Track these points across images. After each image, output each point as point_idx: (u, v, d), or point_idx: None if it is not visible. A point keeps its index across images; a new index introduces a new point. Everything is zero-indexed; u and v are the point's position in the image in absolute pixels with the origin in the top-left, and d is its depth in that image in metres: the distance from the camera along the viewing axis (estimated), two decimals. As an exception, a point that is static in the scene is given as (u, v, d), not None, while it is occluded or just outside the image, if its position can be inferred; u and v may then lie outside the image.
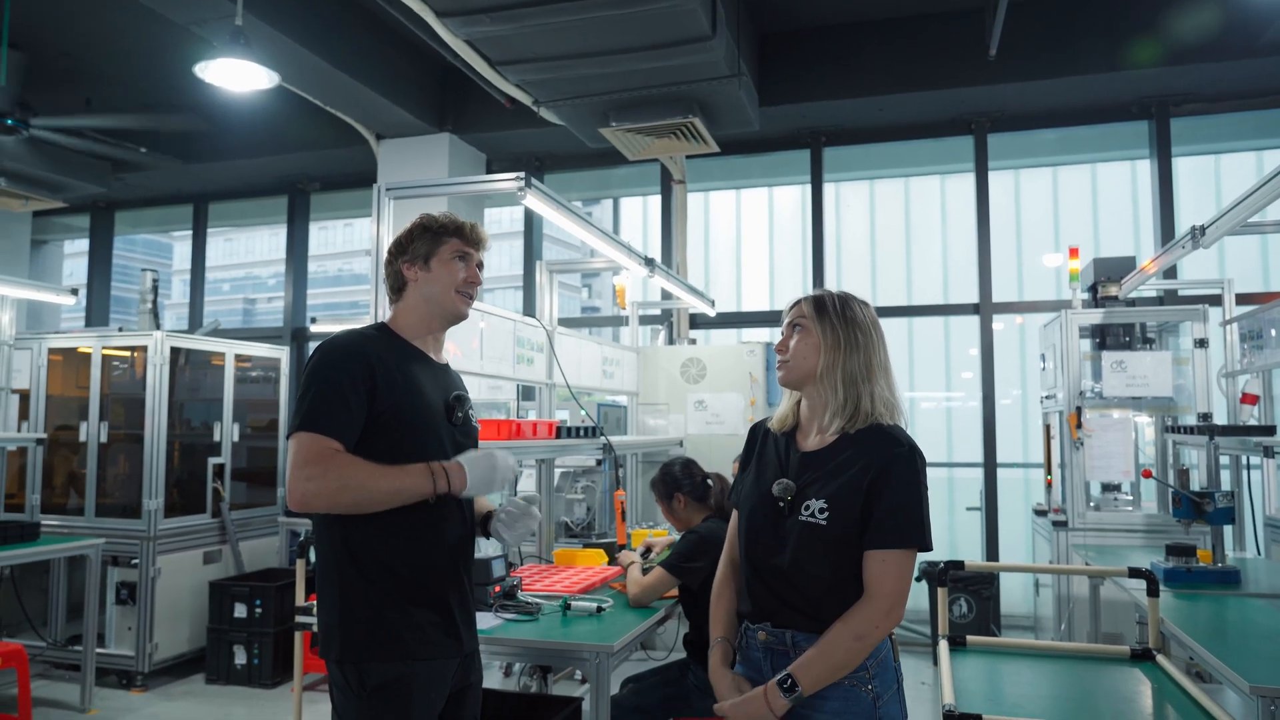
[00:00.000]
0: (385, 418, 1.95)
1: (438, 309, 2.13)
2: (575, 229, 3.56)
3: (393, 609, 1.93)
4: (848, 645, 1.82)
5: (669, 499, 3.47)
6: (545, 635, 2.75)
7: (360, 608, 1.92)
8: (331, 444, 1.87)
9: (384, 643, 1.91)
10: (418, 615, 1.95)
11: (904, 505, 1.84)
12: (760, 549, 1.95)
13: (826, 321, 1.96)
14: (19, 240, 8.25)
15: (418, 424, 2.01)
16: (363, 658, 1.90)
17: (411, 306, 2.13)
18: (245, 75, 4.39)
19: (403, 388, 1.99)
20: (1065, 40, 5.58)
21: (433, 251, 2.11)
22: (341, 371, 1.93)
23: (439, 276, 2.11)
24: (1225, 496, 3.51)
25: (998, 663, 2.73)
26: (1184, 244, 3.78)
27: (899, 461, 1.85)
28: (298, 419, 1.89)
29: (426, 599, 1.97)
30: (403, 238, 2.15)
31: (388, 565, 1.94)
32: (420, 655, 1.93)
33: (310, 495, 1.84)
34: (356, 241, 26.07)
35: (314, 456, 1.85)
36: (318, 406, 1.89)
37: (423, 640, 1.94)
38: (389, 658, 1.91)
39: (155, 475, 5.26)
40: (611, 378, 5.38)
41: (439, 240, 2.12)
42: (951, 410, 7.34)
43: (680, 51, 4.59)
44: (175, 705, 4.96)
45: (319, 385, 1.91)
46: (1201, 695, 2.27)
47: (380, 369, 1.96)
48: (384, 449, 1.93)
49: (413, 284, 2.12)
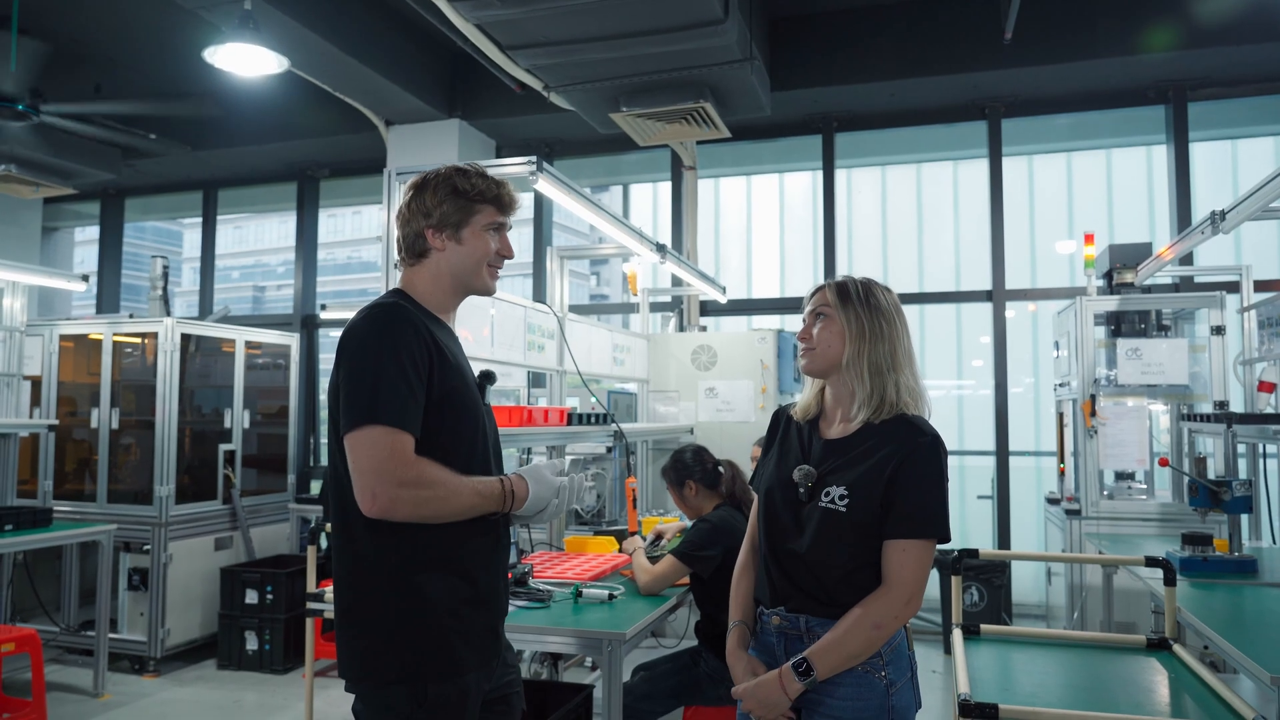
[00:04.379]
0: (440, 400, 1.75)
1: (463, 283, 1.91)
2: (587, 214, 3.54)
3: (450, 619, 1.73)
4: (866, 633, 1.81)
5: (680, 486, 3.46)
6: (557, 623, 2.74)
7: (414, 618, 1.71)
8: (411, 441, 1.67)
9: (441, 658, 1.72)
10: (472, 620, 1.77)
11: (925, 496, 1.83)
12: (779, 534, 1.94)
13: (851, 309, 1.94)
14: (30, 227, 8.25)
15: (467, 406, 1.82)
16: (421, 677, 1.70)
17: (434, 276, 1.89)
18: (254, 60, 4.38)
19: (453, 366, 1.80)
20: (1081, 24, 5.51)
21: (465, 221, 1.87)
22: (402, 350, 1.69)
23: (471, 251, 1.88)
24: (1243, 485, 3.48)
25: (1011, 652, 2.71)
26: (1203, 229, 3.73)
27: (922, 452, 1.84)
28: (363, 409, 1.65)
29: (483, 601, 1.80)
30: (429, 195, 1.88)
31: (455, 574, 1.75)
32: (474, 666, 1.77)
33: (399, 502, 1.64)
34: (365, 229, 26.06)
35: (402, 458, 1.64)
36: (386, 393, 1.65)
37: (476, 649, 1.77)
38: (447, 674, 1.72)
39: (166, 461, 5.27)
40: (622, 365, 5.36)
41: (473, 209, 1.87)
42: (963, 398, 7.30)
43: (692, 35, 4.54)
44: (187, 690, 4.98)
45: (380, 367, 1.67)
46: (1219, 685, 2.24)
47: (434, 346, 1.76)
48: (439, 433, 1.74)
49: (437, 253, 1.88)
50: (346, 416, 1.67)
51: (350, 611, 1.75)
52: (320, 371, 7.77)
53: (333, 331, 7.98)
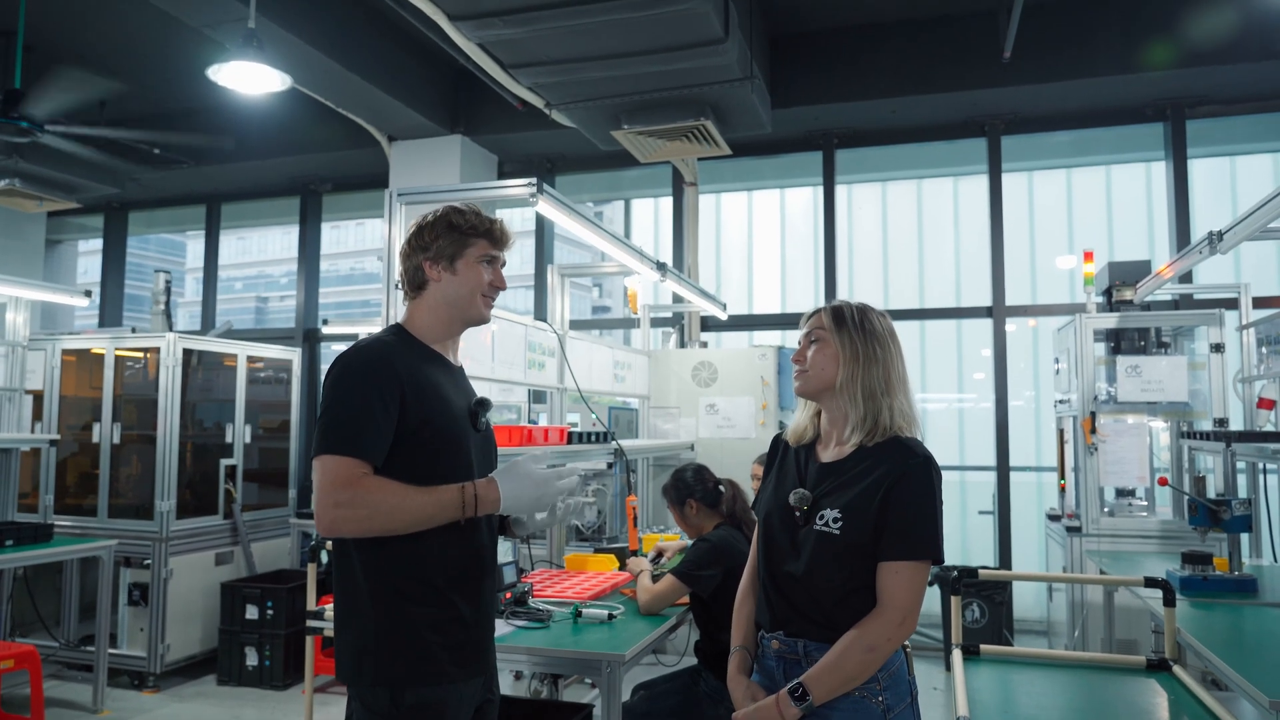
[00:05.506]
0: (416, 429, 1.85)
1: (459, 313, 2.02)
2: (587, 234, 3.56)
3: (430, 630, 1.84)
4: (860, 656, 1.82)
5: (681, 505, 3.46)
6: (557, 644, 2.75)
7: (397, 630, 1.82)
8: (360, 468, 1.78)
9: (421, 666, 1.82)
10: (455, 635, 1.87)
11: (918, 517, 1.84)
12: (777, 557, 1.96)
13: (845, 334, 1.97)
14: (33, 240, 8.29)
15: (447, 434, 1.91)
16: (399, 682, 1.81)
17: (431, 307, 2.01)
18: (258, 78, 4.39)
19: (431, 396, 1.90)
20: (1080, 42, 5.55)
21: (459, 253, 1.99)
22: (368, 385, 1.83)
23: (464, 280, 2.00)
24: (1242, 504, 3.48)
25: (1011, 672, 2.71)
26: (1201, 249, 3.74)
27: (914, 473, 1.86)
28: (322, 440, 1.79)
29: (462, 617, 1.89)
30: (426, 232, 2.01)
31: (428, 584, 1.85)
32: (456, 678, 1.86)
33: (339, 522, 1.76)
34: (369, 240, 26.09)
35: (342, 482, 1.76)
36: (344, 426, 1.80)
37: (458, 661, 1.86)
38: (426, 681, 1.82)
39: (168, 476, 5.27)
40: (623, 381, 5.37)
41: (466, 241, 2.00)
42: (963, 412, 7.30)
43: (693, 55, 4.57)
44: (187, 706, 4.97)
45: (343, 402, 1.82)
46: (1219, 707, 2.24)
47: (408, 379, 1.86)
48: (414, 461, 1.85)
49: (434, 284, 2.00)
50: (314, 447, 1.83)
51: (345, 616, 1.89)
52: (321, 385, 7.79)
53: (335, 345, 8.00)
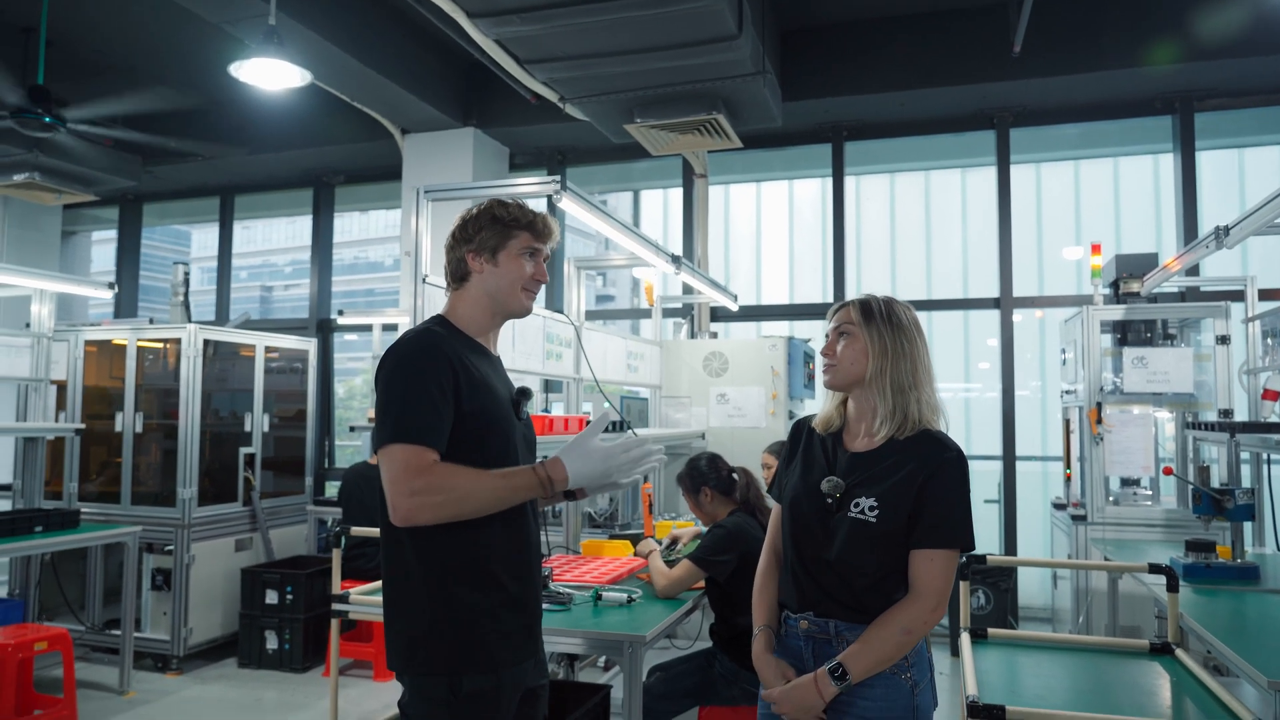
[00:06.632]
0: (467, 418, 1.86)
1: (501, 305, 2.03)
2: (607, 229, 3.64)
3: (487, 617, 1.86)
4: (897, 639, 1.90)
5: (696, 493, 3.54)
6: (578, 625, 2.83)
7: (452, 618, 1.84)
8: (429, 455, 1.78)
9: (476, 653, 1.84)
10: (508, 621, 1.89)
11: (951, 508, 1.93)
12: (808, 542, 2.03)
13: (874, 328, 2.03)
14: (50, 232, 8.38)
15: (496, 423, 1.93)
16: (455, 671, 1.82)
17: (474, 299, 2.02)
18: (278, 74, 4.46)
19: (480, 385, 1.91)
20: (1089, 36, 5.59)
21: (501, 245, 2.00)
22: (426, 374, 1.83)
23: (506, 272, 2.00)
24: (1245, 493, 3.55)
25: (1018, 655, 2.79)
26: (1207, 244, 3.81)
27: (948, 467, 1.95)
28: (388, 430, 1.79)
29: (514, 602, 1.91)
30: (470, 224, 2.02)
31: (480, 571, 1.87)
32: (509, 664, 1.88)
33: (416, 510, 1.75)
34: (373, 230, 26.06)
35: (414, 470, 1.76)
36: (408, 415, 1.79)
37: (511, 647, 1.89)
38: (482, 669, 1.84)
39: (189, 464, 5.38)
40: (635, 371, 5.45)
41: (509, 234, 2.00)
42: (970, 401, 7.36)
43: (706, 50, 4.63)
44: (209, 688, 5.09)
45: (404, 391, 1.82)
46: (1220, 689, 2.32)
47: (460, 368, 1.87)
48: (463, 450, 1.85)
49: (477, 276, 2.01)
50: (375, 438, 1.83)
51: (395, 606, 1.89)
52: (336, 375, 7.88)
53: (348, 336, 8.09)
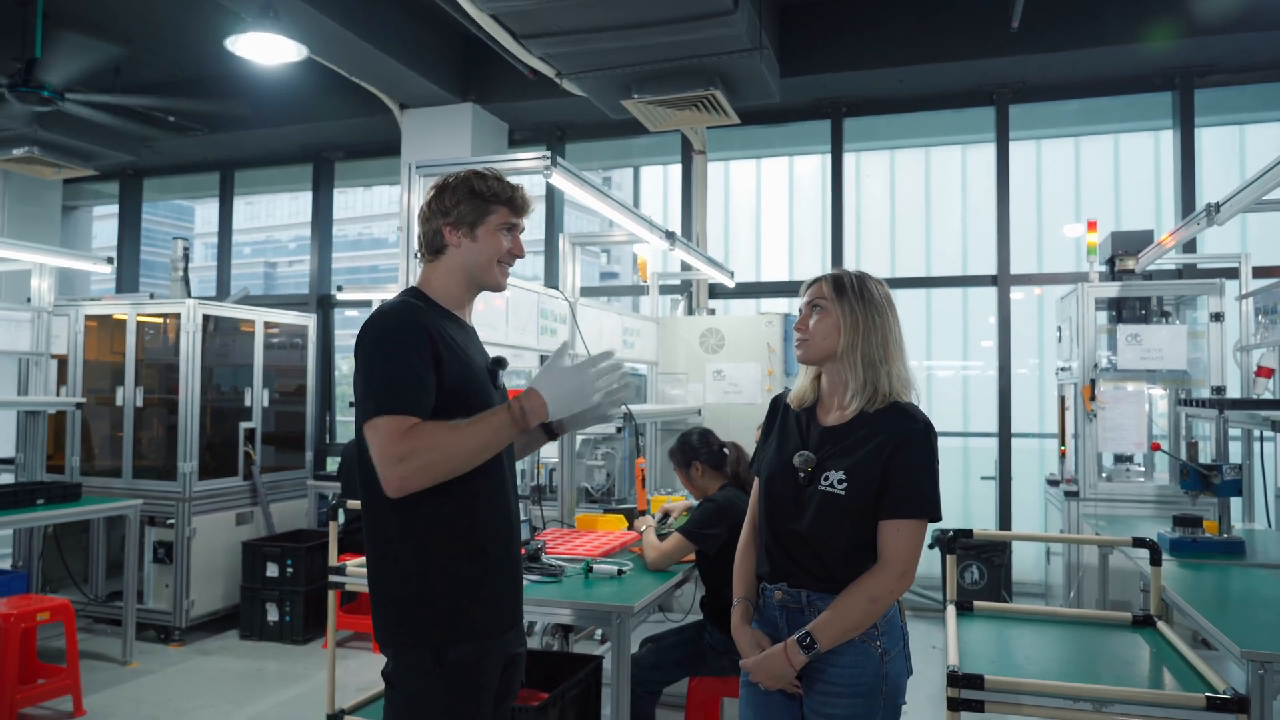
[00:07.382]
0: (448, 392, 1.85)
1: (476, 279, 2.03)
2: (599, 205, 3.65)
3: (467, 587, 1.86)
4: (863, 607, 1.95)
5: (687, 467, 3.59)
6: (569, 596, 2.88)
7: (435, 589, 1.84)
8: (409, 421, 1.76)
9: (460, 623, 1.85)
10: (490, 590, 1.90)
11: (918, 479, 1.97)
12: (780, 515, 2.07)
13: (846, 302, 2.06)
14: (50, 207, 8.40)
15: (474, 393, 1.92)
16: (440, 641, 1.83)
17: (449, 272, 2.01)
18: (275, 48, 4.47)
19: (459, 355, 1.91)
20: (1088, 11, 5.56)
21: (480, 220, 1.99)
22: (406, 345, 1.81)
23: (484, 248, 2.00)
24: (1233, 469, 3.58)
25: (1004, 627, 2.84)
26: (1199, 220, 3.81)
27: (915, 438, 1.98)
28: (371, 403, 1.77)
29: (496, 573, 1.92)
30: (447, 196, 1.99)
31: (462, 542, 1.87)
32: (494, 632, 1.90)
33: (408, 477, 1.73)
34: (377, 206, 26.03)
35: (396, 437, 1.74)
36: (390, 388, 1.78)
37: (495, 615, 1.91)
38: (467, 639, 1.85)
39: (190, 439, 5.43)
40: (632, 347, 5.48)
41: (488, 209, 1.99)
42: (968, 379, 7.39)
43: (702, 25, 4.62)
44: (211, 660, 5.17)
45: (384, 364, 1.80)
46: (1197, 659, 2.37)
47: (439, 339, 1.86)
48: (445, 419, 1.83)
49: (454, 249, 2.00)
50: (359, 413, 1.81)
51: (379, 582, 1.89)
52: (336, 350, 7.92)
53: (348, 312, 8.12)
